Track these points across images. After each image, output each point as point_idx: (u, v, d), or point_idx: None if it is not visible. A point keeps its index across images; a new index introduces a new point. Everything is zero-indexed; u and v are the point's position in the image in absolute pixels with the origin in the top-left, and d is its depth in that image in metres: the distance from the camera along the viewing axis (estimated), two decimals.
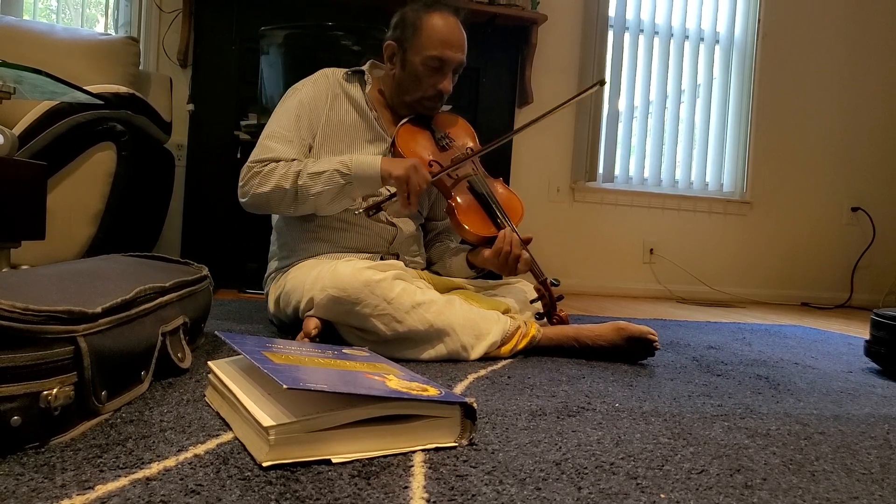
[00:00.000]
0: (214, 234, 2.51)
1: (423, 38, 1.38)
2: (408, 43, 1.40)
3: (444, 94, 1.43)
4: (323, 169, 1.30)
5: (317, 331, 1.15)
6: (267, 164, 1.33)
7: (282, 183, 1.30)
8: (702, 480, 0.65)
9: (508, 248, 1.32)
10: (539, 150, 3.11)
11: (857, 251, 3.53)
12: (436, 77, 1.40)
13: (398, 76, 1.44)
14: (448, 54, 1.38)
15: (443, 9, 1.41)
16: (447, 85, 1.42)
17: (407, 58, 1.41)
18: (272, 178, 1.31)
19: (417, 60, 1.39)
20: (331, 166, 1.30)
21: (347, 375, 0.73)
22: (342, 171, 1.29)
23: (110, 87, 1.84)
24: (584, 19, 3.09)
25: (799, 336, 1.94)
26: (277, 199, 1.32)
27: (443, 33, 1.38)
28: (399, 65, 1.43)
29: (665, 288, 3.27)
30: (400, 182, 1.27)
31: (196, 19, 2.53)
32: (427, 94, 1.42)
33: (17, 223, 1.23)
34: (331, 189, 1.30)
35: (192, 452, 0.63)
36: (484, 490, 0.59)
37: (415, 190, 1.27)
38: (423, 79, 1.40)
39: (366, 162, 1.30)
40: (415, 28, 1.39)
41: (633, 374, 1.17)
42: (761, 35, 3.33)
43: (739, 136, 3.36)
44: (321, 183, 1.29)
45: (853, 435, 0.86)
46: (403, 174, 1.27)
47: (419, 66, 1.39)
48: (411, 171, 1.27)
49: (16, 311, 0.59)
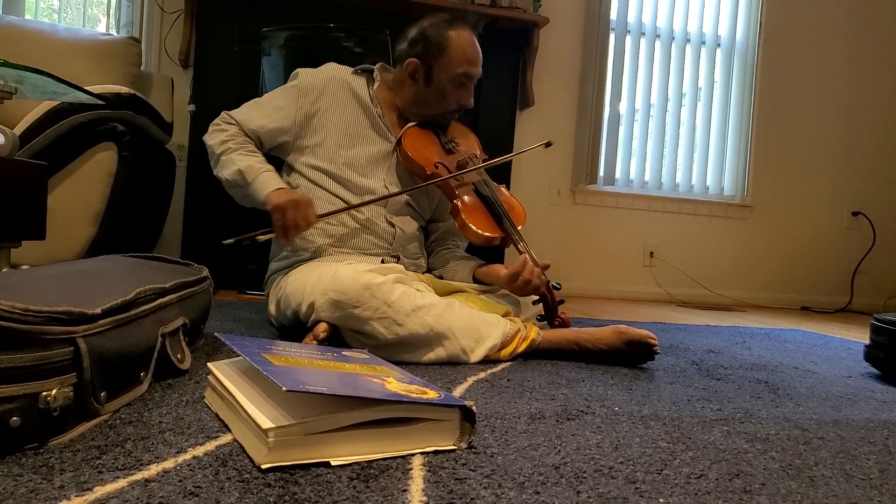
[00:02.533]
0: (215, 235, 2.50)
1: (451, 57, 1.42)
2: (433, 61, 1.43)
3: (464, 107, 1.48)
4: (238, 162, 1.37)
5: (325, 334, 1.14)
6: (231, 123, 1.43)
7: (217, 147, 1.41)
8: (701, 485, 0.65)
9: (529, 277, 1.30)
10: (540, 152, 3.11)
11: (858, 255, 3.53)
12: (460, 92, 1.46)
13: (421, 92, 1.46)
14: (473, 71, 1.44)
15: (464, 25, 1.45)
16: (470, 99, 1.48)
17: (433, 75, 1.44)
18: (218, 136, 1.42)
19: (445, 78, 1.43)
20: (243, 164, 1.37)
21: (347, 378, 0.73)
22: (245, 176, 1.36)
23: (111, 87, 1.84)
24: (586, 22, 3.10)
25: (799, 340, 1.94)
26: (210, 154, 1.43)
27: (468, 51, 1.43)
28: (423, 81, 1.45)
29: (665, 291, 3.27)
30: (275, 212, 1.29)
31: (198, 20, 2.53)
32: (451, 108, 1.48)
33: (17, 223, 1.23)
34: (231, 181, 1.38)
35: (190, 454, 0.63)
36: (483, 493, 0.59)
37: (291, 224, 1.28)
38: (449, 94, 1.45)
39: (264, 181, 1.35)
40: (440, 47, 1.42)
41: (633, 377, 1.17)
42: (762, 39, 3.33)
43: (740, 140, 3.37)
44: (229, 171, 1.38)
45: (852, 440, 0.86)
46: (281, 204, 1.28)
47: (446, 84, 1.44)
48: (290, 205, 1.28)
49: (16, 312, 0.59)
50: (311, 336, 1.16)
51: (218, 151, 1.40)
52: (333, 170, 1.41)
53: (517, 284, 1.31)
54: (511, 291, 1.36)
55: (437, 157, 1.45)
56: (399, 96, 1.51)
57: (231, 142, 1.40)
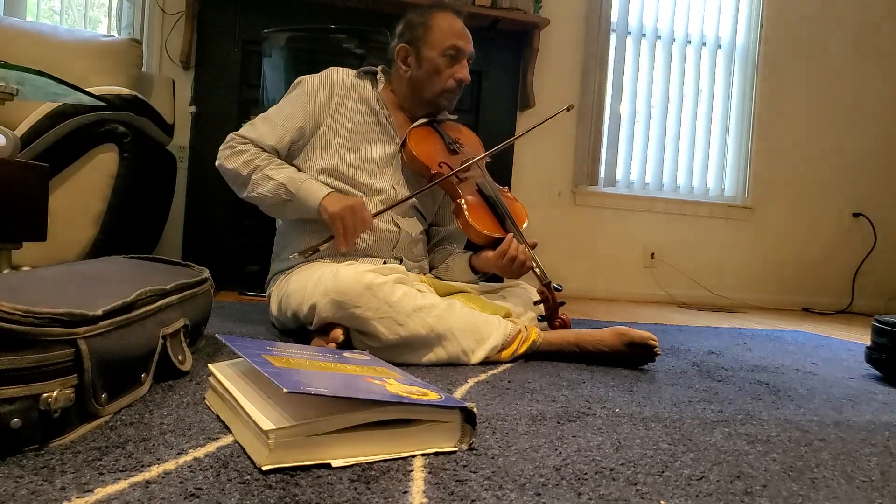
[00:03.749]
0: (216, 237, 2.52)
1: (437, 32, 1.45)
2: (420, 41, 1.45)
3: (462, 84, 1.48)
4: (275, 176, 1.35)
5: (344, 338, 1.15)
6: (246, 142, 1.40)
7: (242, 168, 1.37)
8: (702, 487, 0.65)
9: (514, 254, 1.33)
10: (541, 153, 3.11)
11: (859, 257, 3.53)
12: (453, 66, 1.46)
13: (415, 75, 1.47)
14: (461, 43, 1.45)
15: (447, 8, 1.49)
16: (466, 73, 1.47)
17: (422, 54, 1.45)
18: (239, 158, 1.38)
19: (434, 54, 1.44)
20: (282, 177, 1.35)
21: (347, 379, 0.73)
22: (288, 188, 1.34)
23: (113, 88, 1.84)
24: (587, 23, 3.10)
25: (799, 342, 1.94)
26: (233, 178, 1.40)
27: (454, 26, 1.46)
28: (414, 64, 1.47)
29: (666, 292, 3.27)
30: (333, 220, 1.29)
31: (199, 21, 2.54)
32: (447, 86, 1.47)
33: (18, 224, 1.23)
34: (272, 198, 1.35)
35: (191, 455, 0.63)
36: (483, 495, 0.59)
37: (350, 231, 1.29)
38: (443, 70, 1.45)
39: (311, 190, 1.33)
40: (425, 27, 1.45)
41: (634, 379, 1.17)
42: (763, 40, 3.33)
43: (741, 141, 3.37)
44: (268, 188, 1.35)
45: (853, 442, 0.86)
46: (338, 212, 1.28)
47: (437, 59, 1.44)
48: (347, 212, 1.29)
49: (16, 314, 0.59)
50: (323, 339, 1.16)
51: (246, 172, 1.36)
52: (342, 171, 1.41)
53: (504, 262, 1.34)
54: (501, 273, 1.38)
55: (442, 156, 1.46)
56: (398, 90, 1.52)
57: (257, 159, 1.37)
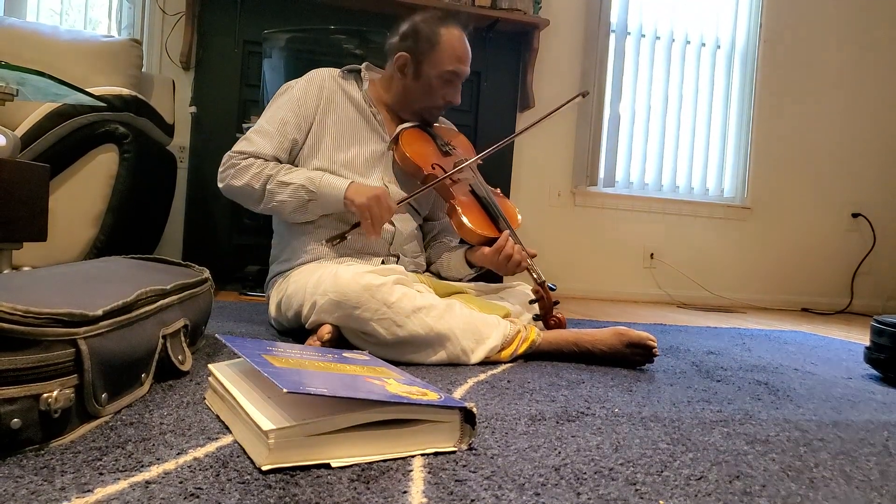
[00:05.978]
0: (216, 237, 2.52)
1: (441, 53, 1.43)
2: (423, 56, 1.44)
3: (451, 104, 1.49)
4: (292, 180, 1.34)
5: (329, 336, 1.14)
6: (247, 157, 1.38)
7: (252, 182, 1.35)
8: (701, 486, 0.65)
9: (510, 251, 1.35)
10: (540, 154, 3.11)
11: (858, 257, 3.53)
12: (447, 89, 1.46)
13: (409, 85, 1.47)
14: (462, 69, 1.45)
15: (455, 23, 1.46)
16: (457, 97, 1.48)
17: (422, 70, 1.44)
18: (246, 174, 1.36)
19: (433, 74, 1.44)
20: (299, 180, 1.34)
21: (347, 379, 0.73)
22: (308, 188, 1.33)
23: (113, 89, 1.84)
24: (587, 24, 3.10)
25: (799, 342, 1.94)
26: (246, 196, 1.38)
27: (458, 49, 1.44)
28: (412, 75, 1.46)
29: (665, 293, 3.27)
30: (361, 210, 1.30)
31: (199, 22, 2.54)
32: (436, 104, 1.48)
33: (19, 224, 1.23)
34: (293, 201, 1.35)
35: (191, 455, 0.63)
36: (483, 495, 0.59)
37: (377, 219, 1.30)
38: (437, 90, 1.46)
39: (333, 184, 1.33)
40: (431, 43, 1.43)
41: (633, 379, 1.17)
42: (762, 41, 3.34)
43: (740, 142, 3.37)
44: (286, 193, 1.34)
45: (852, 442, 0.86)
46: (365, 202, 1.29)
47: (434, 80, 1.44)
48: (373, 202, 1.30)
49: (17, 314, 0.59)
50: (314, 338, 1.16)
51: (258, 185, 1.35)
52: (335, 171, 1.41)
53: (500, 259, 1.35)
54: (495, 269, 1.39)
55: (434, 158, 1.46)
56: (388, 91, 1.52)
57: (265, 170, 1.36)
